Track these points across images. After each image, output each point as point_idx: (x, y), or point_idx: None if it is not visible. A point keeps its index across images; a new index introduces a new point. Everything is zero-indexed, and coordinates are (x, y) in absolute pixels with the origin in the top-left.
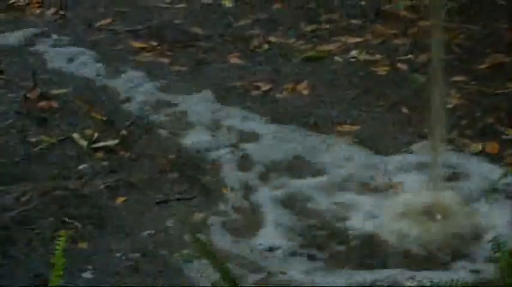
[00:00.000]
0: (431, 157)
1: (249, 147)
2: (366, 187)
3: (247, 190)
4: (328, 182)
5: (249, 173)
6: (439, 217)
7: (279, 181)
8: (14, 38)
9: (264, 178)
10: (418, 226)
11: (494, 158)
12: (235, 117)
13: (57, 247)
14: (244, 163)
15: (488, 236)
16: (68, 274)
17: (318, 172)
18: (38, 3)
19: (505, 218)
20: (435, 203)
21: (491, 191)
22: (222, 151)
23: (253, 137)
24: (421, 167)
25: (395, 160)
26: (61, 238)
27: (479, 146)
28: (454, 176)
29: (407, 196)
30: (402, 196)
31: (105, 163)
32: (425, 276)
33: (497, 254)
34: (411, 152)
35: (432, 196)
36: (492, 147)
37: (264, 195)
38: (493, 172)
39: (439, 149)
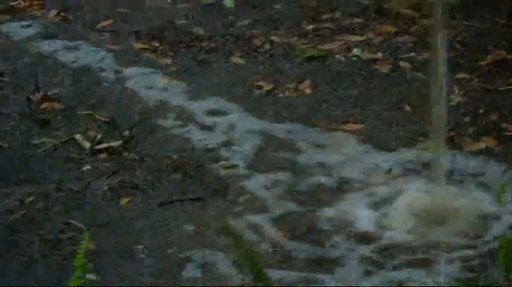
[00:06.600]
0: (434, 154)
1: (253, 147)
2: (369, 185)
3: (252, 189)
4: (332, 180)
5: (254, 174)
6: (441, 215)
7: (283, 180)
8: (15, 40)
9: (268, 177)
10: (420, 225)
11: (498, 156)
12: (238, 118)
13: (80, 247)
14: (249, 162)
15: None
16: None
17: (323, 171)
18: (39, 5)
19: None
20: (438, 202)
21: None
22: (226, 151)
23: (257, 137)
24: (424, 165)
25: (399, 157)
26: (84, 240)
27: (483, 144)
28: (456, 174)
29: (409, 194)
30: (405, 194)
31: (109, 164)
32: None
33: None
34: (414, 150)
35: (435, 195)
36: (495, 144)
37: (269, 194)
38: (495, 169)
39: (442, 146)
